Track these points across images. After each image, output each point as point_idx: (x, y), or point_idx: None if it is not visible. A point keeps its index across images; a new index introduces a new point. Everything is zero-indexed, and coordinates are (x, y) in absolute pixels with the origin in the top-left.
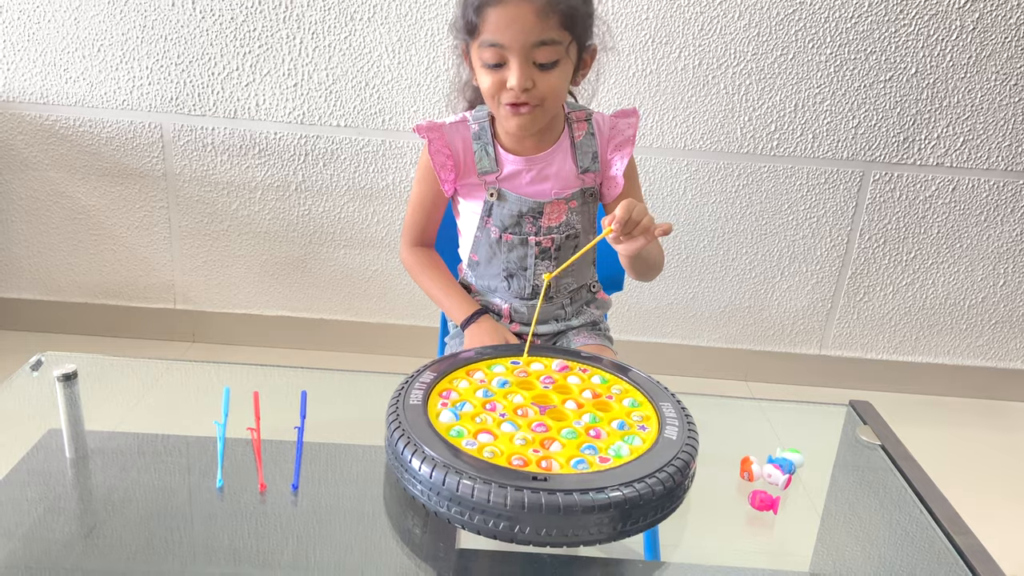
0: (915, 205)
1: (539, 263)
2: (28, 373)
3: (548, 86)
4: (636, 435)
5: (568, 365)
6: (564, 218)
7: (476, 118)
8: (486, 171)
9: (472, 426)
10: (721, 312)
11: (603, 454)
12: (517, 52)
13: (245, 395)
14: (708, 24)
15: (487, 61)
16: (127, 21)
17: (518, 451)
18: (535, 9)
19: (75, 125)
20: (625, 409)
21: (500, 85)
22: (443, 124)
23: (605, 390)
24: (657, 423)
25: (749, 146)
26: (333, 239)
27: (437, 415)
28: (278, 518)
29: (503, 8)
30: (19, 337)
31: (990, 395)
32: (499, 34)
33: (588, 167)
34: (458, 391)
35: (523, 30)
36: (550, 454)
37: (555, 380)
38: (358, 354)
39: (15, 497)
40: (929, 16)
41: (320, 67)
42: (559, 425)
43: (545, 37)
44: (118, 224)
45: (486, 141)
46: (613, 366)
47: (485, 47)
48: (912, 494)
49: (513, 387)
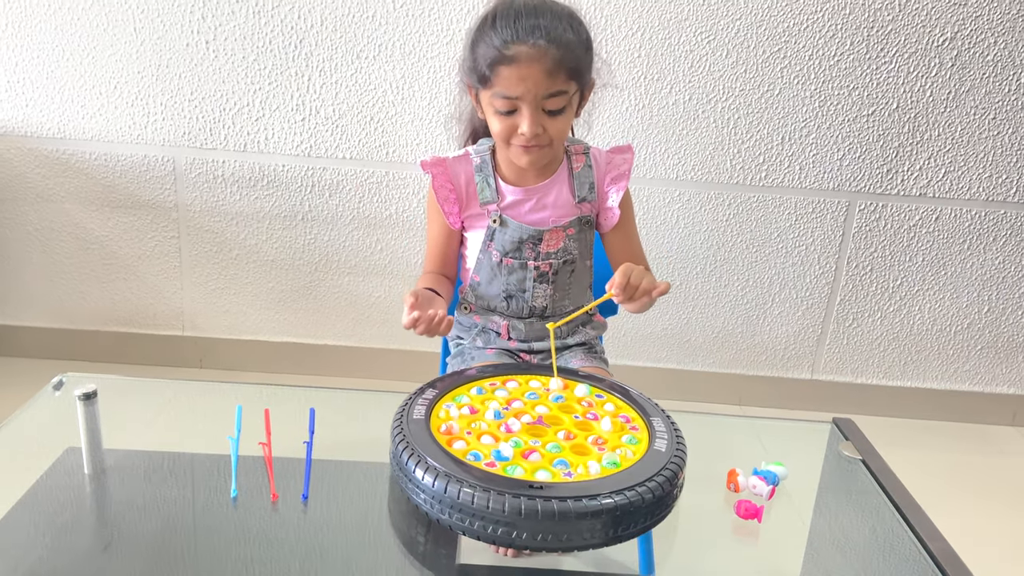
0: (900, 234)
1: (537, 286)
2: (50, 393)
3: (556, 129)
4: (620, 451)
5: (567, 384)
6: (562, 244)
7: (478, 152)
8: (488, 201)
9: (464, 425)
10: (714, 337)
11: (572, 470)
12: (529, 103)
13: (254, 414)
14: (697, 62)
15: (499, 109)
16: (143, 59)
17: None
18: (545, 68)
19: (91, 159)
20: (616, 428)
21: (512, 130)
22: (446, 159)
23: (599, 406)
24: (648, 436)
25: (739, 177)
26: (338, 267)
27: (439, 427)
28: (288, 528)
29: (516, 67)
30: (31, 364)
31: (977, 419)
32: (511, 89)
33: (585, 196)
34: (469, 395)
35: (535, 85)
36: (530, 464)
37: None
38: (361, 379)
39: (36, 512)
40: (909, 54)
41: (327, 102)
42: (544, 440)
43: (554, 89)
44: (130, 254)
45: (487, 173)
46: (608, 385)
47: (498, 97)
48: (889, 504)
49: (514, 401)
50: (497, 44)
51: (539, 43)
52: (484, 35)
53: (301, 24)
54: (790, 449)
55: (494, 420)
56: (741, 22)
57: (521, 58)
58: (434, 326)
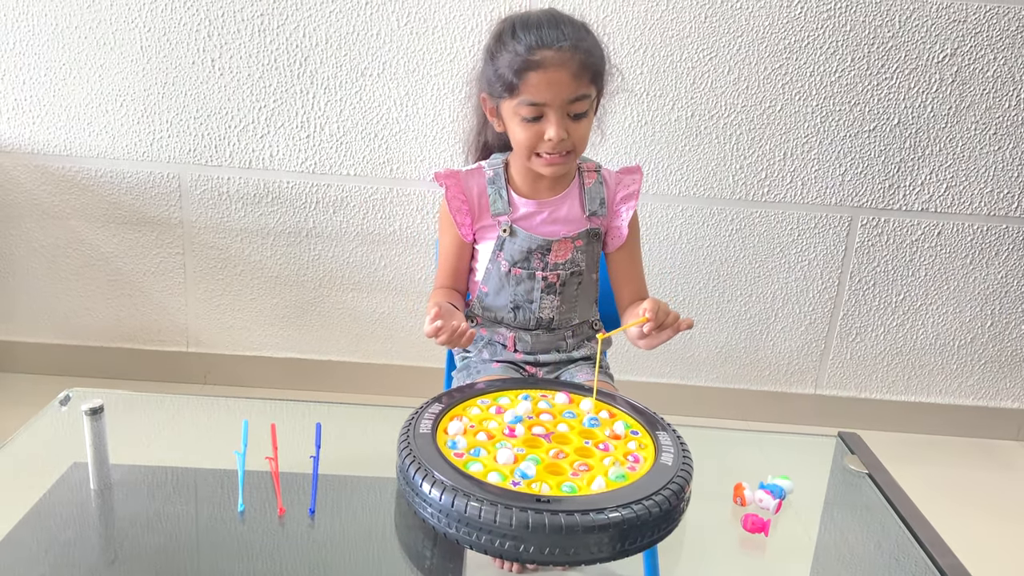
0: (903, 249)
1: (544, 297)
2: (56, 408)
3: (579, 135)
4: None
5: (573, 398)
6: (570, 256)
7: (491, 165)
8: (499, 212)
9: (470, 440)
10: (718, 353)
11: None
12: (556, 108)
13: (260, 429)
14: (699, 78)
15: (526, 116)
16: (149, 77)
17: (500, 469)
18: (572, 72)
19: (96, 176)
20: (621, 446)
21: (538, 137)
22: (459, 172)
23: (605, 421)
24: (654, 450)
25: (741, 193)
26: (342, 283)
27: (445, 442)
28: (296, 542)
29: (544, 72)
30: (36, 380)
31: (981, 434)
32: (539, 94)
33: (596, 211)
34: (471, 417)
35: (562, 90)
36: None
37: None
38: (365, 394)
39: (41, 527)
40: (910, 70)
41: (331, 120)
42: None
43: (579, 93)
44: (135, 270)
45: (500, 185)
46: (616, 399)
47: (524, 105)
48: (897, 518)
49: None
50: (522, 51)
51: (564, 48)
52: (505, 45)
53: (306, 42)
54: (796, 463)
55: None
56: (743, 39)
57: (548, 63)
58: (456, 337)
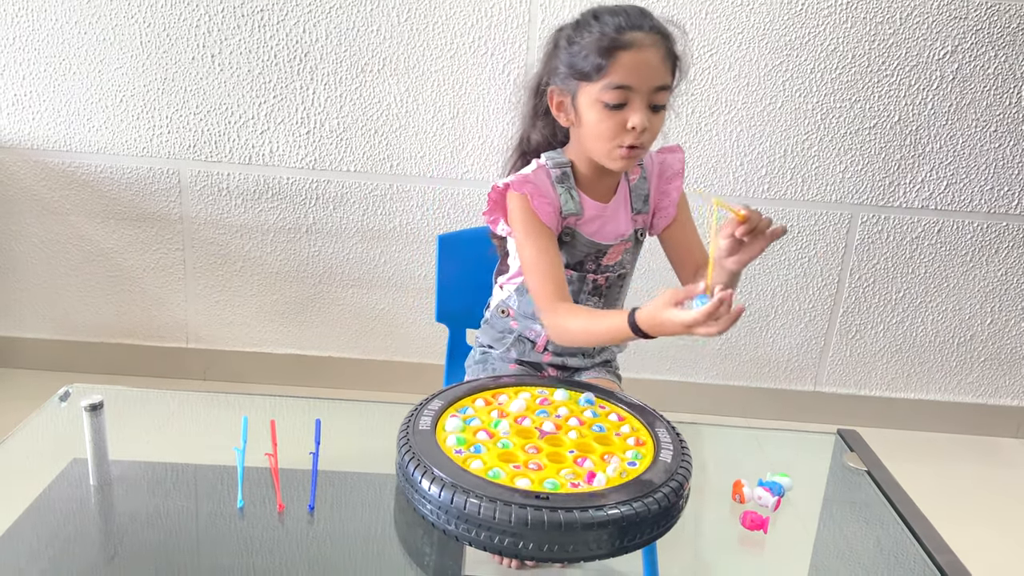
0: (903, 246)
1: (589, 298)
2: (56, 404)
3: (655, 128)
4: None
5: (571, 394)
6: (619, 258)
7: (556, 164)
8: (571, 213)
9: (470, 437)
10: (718, 350)
11: (577, 480)
12: (643, 94)
13: (259, 425)
14: (699, 75)
15: (610, 102)
16: (149, 73)
17: (501, 466)
18: (661, 55)
19: (96, 171)
20: (620, 443)
21: (620, 126)
22: (529, 175)
23: (604, 417)
24: (653, 447)
25: (741, 190)
26: (341, 279)
27: (444, 439)
28: (295, 539)
29: (636, 52)
30: (35, 376)
31: (981, 431)
32: (629, 76)
33: (640, 209)
34: (473, 408)
35: (651, 74)
36: (531, 473)
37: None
38: (365, 390)
39: (41, 523)
40: (910, 67)
41: (332, 115)
42: (550, 449)
43: (664, 82)
44: (134, 266)
45: (570, 185)
46: (616, 397)
47: (610, 89)
48: (896, 515)
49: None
50: (611, 32)
51: (654, 31)
52: (589, 28)
53: (306, 38)
54: (795, 460)
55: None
56: (743, 36)
57: (638, 43)
58: (734, 314)
